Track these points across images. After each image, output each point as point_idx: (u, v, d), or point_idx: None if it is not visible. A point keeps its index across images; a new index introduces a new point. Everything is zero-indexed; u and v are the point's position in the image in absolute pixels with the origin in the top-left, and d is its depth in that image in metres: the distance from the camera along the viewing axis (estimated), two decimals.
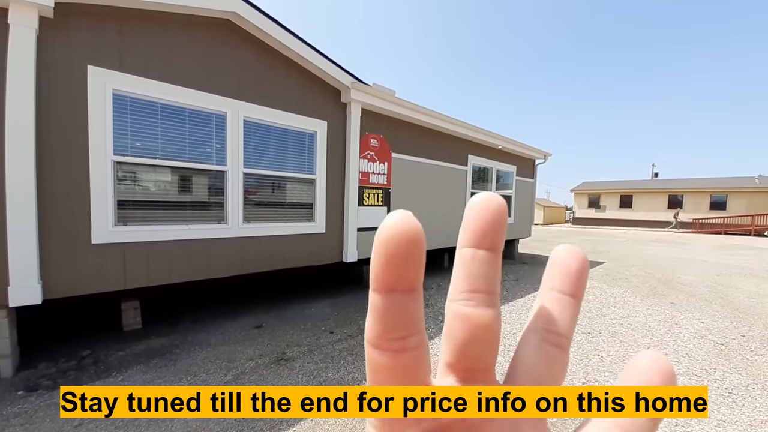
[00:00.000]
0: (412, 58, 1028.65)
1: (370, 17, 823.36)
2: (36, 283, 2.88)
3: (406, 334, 0.17)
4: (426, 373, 0.19)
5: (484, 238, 0.18)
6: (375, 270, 0.17)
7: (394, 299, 0.17)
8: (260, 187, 4.42)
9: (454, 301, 0.19)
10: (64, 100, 2.99)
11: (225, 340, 3.78)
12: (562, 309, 0.20)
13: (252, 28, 4.03)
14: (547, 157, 10.42)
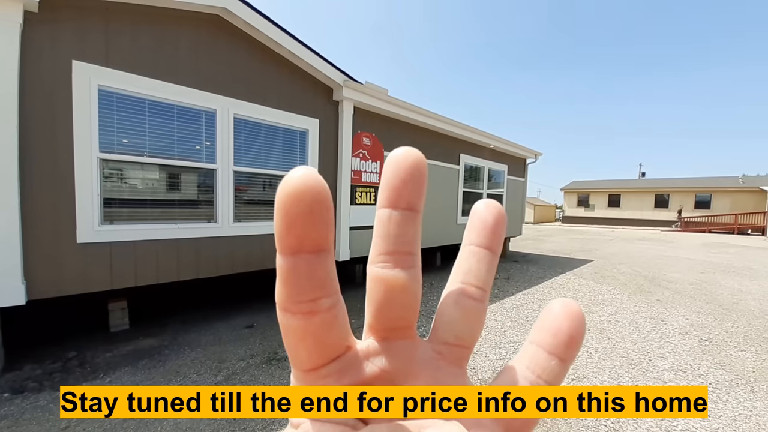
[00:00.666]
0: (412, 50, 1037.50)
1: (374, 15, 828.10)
2: (20, 284, 2.80)
3: (316, 296, 0.17)
4: (340, 336, 0.18)
5: (401, 197, 0.18)
6: (278, 231, 0.16)
7: (301, 261, 0.16)
8: (251, 186, 4.38)
9: (372, 264, 0.19)
10: (48, 96, 2.91)
11: (216, 340, 3.74)
12: (478, 262, 0.21)
13: (242, 24, 3.98)
14: (537, 156, 10.53)
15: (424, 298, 5.43)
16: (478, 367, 3.22)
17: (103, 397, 0.21)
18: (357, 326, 4.56)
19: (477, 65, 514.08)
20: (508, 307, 5.09)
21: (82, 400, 0.21)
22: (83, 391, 0.21)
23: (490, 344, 3.73)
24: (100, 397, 0.21)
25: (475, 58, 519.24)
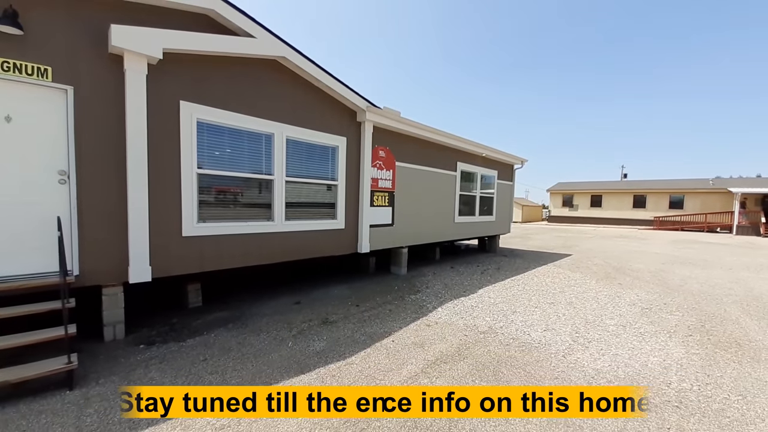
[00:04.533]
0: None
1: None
2: (147, 266, 3.86)
3: None
4: None
5: None
6: None
7: None
8: (296, 191, 5.47)
9: None
10: (164, 126, 3.97)
11: (276, 311, 4.82)
12: None
13: (293, 66, 5.07)
14: (524, 163, 11.82)
15: (429, 284, 6.60)
16: (478, 325, 4.39)
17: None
18: (371, 313, 5.83)
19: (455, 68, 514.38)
20: (498, 288, 6.30)
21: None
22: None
23: (486, 312, 4.92)
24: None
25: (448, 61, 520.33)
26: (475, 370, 3.20)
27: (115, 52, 3.56)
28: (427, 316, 4.70)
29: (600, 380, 3.08)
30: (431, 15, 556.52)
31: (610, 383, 3.04)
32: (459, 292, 6.01)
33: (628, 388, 2.94)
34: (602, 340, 3.97)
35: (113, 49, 3.51)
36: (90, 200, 3.53)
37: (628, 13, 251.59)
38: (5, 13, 3.01)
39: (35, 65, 3.21)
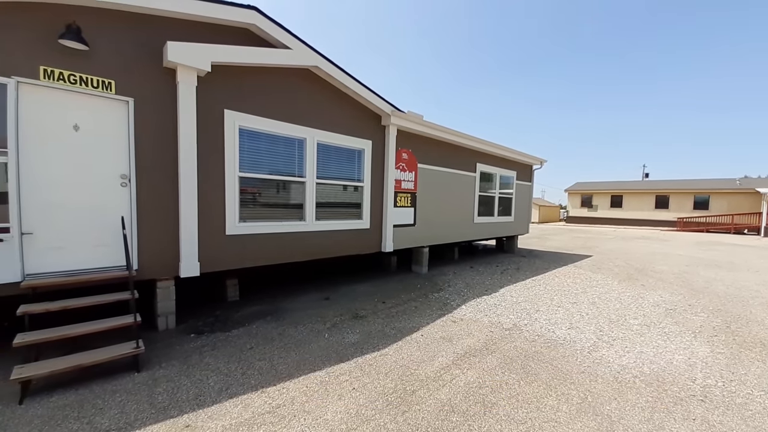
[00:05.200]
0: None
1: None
2: (197, 262, 4.19)
3: None
4: None
5: None
6: None
7: None
8: (326, 193, 5.74)
9: None
10: (211, 134, 4.30)
11: (308, 306, 5.11)
12: None
13: (324, 75, 5.34)
14: (543, 163, 11.82)
15: (451, 282, 6.78)
16: (503, 322, 4.56)
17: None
18: (398, 309, 6.04)
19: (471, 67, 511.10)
20: (520, 288, 6.42)
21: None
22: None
23: (509, 310, 5.07)
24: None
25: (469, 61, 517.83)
26: (504, 363, 3.38)
27: (169, 66, 3.89)
28: (452, 313, 4.89)
29: (626, 375, 3.21)
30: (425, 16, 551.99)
31: (636, 378, 3.17)
32: (481, 290, 6.16)
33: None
34: (627, 339, 4.08)
35: (168, 63, 3.84)
36: (147, 202, 3.88)
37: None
38: (69, 29, 3.34)
39: (100, 79, 3.57)
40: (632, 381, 3.12)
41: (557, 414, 2.56)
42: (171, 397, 2.75)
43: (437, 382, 3.00)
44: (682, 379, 3.16)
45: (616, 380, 3.12)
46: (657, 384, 3.06)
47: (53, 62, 3.32)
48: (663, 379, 3.15)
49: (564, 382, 3.02)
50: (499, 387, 2.92)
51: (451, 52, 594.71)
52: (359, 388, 2.89)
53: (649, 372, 3.30)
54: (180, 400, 2.70)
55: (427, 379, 3.04)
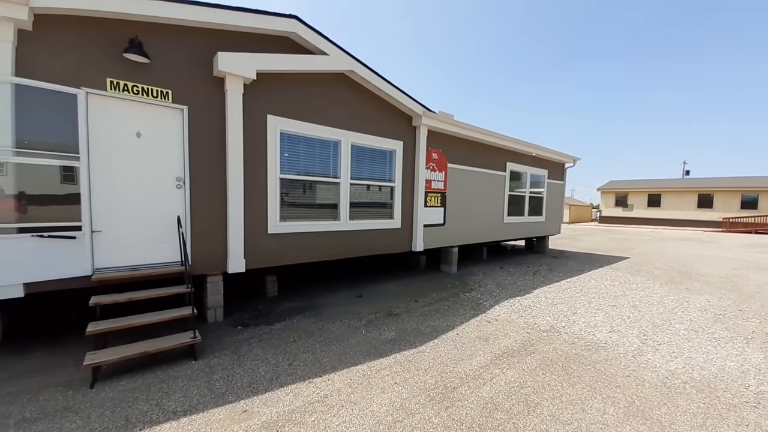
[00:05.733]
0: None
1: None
2: (242, 259, 4.45)
3: None
4: None
5: None
6: None
7: None
8: (359, 193, 5.89)
9: None
10: (255, 139, 4.54)
11: (342, 302, 5.27)
12: None
13: (359, 78, 5.48)
14: (576, 161, 11.45)
15: (482, 282, 6.75)
16: (539, 324, 4.51)
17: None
18: (430, 308, 6.06)
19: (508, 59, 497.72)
20: (554, 290, 6.29)
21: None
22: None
23: (545, 312, 5.00)
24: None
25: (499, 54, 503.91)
26: (544, 364, 3.37)
27: (218, 75, 4.15)
28: (485, 313, 4.89)
29: (674, 381, 3.11)
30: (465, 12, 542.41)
31: (686, 384, 3.07)
32: (514, 291, 6.10)
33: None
34: (673, 344, 3.93)
35: (218, 72, 4.10)
36: (199, 202, 4.16)
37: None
38: (132, 43, 3.64)
39: (159, 89, 3.87)
40: (682, 386, 3.03)
41: (604, 416, 2.54)
42: (227, 383, 2.96)
43: (477, 380, 3.04)
44: (734, 386, 3.03)
45: (665, 385, 3.04)
46: (708, 390, 2.96)
47: (118, 74, 3.64)
48: (714, 386, 3.03)
49: (609, 386, 2.98)
50: (542, 387, 2.93)
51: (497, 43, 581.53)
52: (401, 383, 2.98)
53: (700, 378, 3.19)
54: (235, 387, 2.90)
55: (466, 377, 3.09)
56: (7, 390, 2.81)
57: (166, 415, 2.53)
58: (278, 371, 3.18)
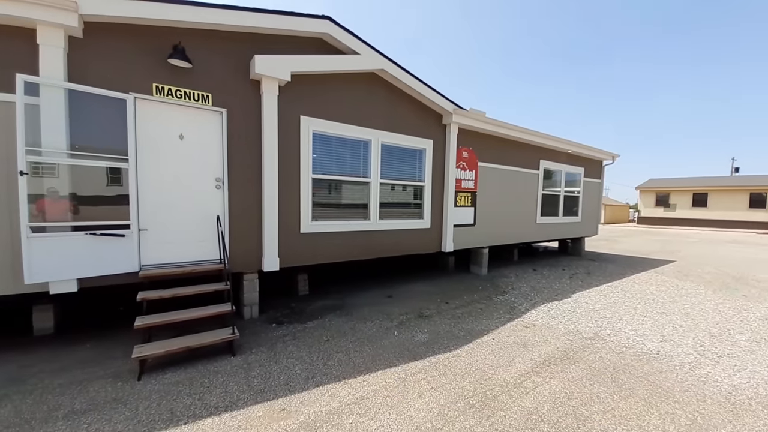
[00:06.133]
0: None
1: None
2: (276, 258, 4.52)
3: None
4: None
5: None
6: None
7: None
8: (388, 193, 5.84)
9: None
10: (289, 140, 4.60)
11: (372, 302, 5.24)
12: None
13: (389, 77, 5.43)
14: (615, 159, 10.83)
15: (515, 285, 6.51)
16: (581, 331, 4.27)
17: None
18: (462, 310, 5.89)
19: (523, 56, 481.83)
20: (594, 294, 5.96)
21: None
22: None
23: (587, 318, 4.73)
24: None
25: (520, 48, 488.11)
26: (591, 374, 3.17)
27: (255, 78, 4.24)
28: (521, 318, 4.70)
29: (739, 397, 2.83)
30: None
31: (751, 400, 2.78)
32: (550, 295, 5.83)
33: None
34: (734, 356, 3.59)
35: (254, 75, 4.18)
36: (236, 202, 4.27)
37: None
38: (175, 49, 3.78)
39: (200, 92, 3.99)
40: (747, 403, 2.75)
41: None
42: (265, 381, 3.00)
43: (519, 388, 2.90)
44: None
45: (729, 401, 2.77)
46: None
47: (163, 79, 3.79)
48: None
49: (666, 400, 2.75)
50: (590, 400, 2.75)
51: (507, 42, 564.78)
52: (437, 388, 2.90)
53: (766, 393, 2.88)
54: (273, 385, 2.94)
55: (507, 385, 2.96)
56: (58, 381, 2.95)
57: (209, 410, 2.59)
58: (313, 370, 3.19)
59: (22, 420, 2.45)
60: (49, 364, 3.23)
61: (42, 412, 2.54)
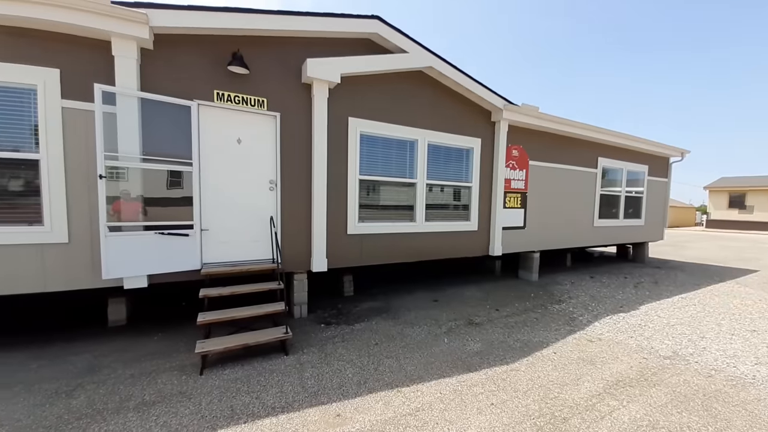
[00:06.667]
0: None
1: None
2: (325, 258, 4.55)
3: None
4: None
5: None
6: None
7: None
8: (434, 194, 5.68)
9: None
10: (338, 141, 4.61)
11: (418, 306, 5.11)
12: None
13: (436, 74, 5.27)
14: (684, 155, 9.76)
15: (572, 293, 6.04)
16: (657, 348, 3.83)
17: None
18: (515, 319, 5.51)
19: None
20: (667, 307, 5.35)
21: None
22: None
23: (662, 334, 4.24)
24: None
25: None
26: (676, 400, 2.80)
27: (306, 81, 4.29)
28: (584, 330, 4.31)
29: None
30: None
31: None
32: (614, 306, 5.33)
33: None
34: None
35: (306, 79, 4.24)
36: (288, 203, 4.36)
37: None
38: (234, 56, 3.91)
39: (257, 98, 4.11)
40: None
41: None
42: (318, 383, 2.99)
43: (592, 411, 2.63)
44: None
45: None
46: None
47: (223, 86, 3.94)
48: None
49: None
50: (681, 431, 2.41)
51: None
52: (498, 404, 2.71)
53: None
54: (326, 388, 2.92)
55: (577, 407, 2.69)
56: (130, 372, 3.15)
57: (266, 410, 2.62)
58: (365, 375, 3.13)
59: (94, 411, 2.58)
60: (122, 354, 3.48)
61: (114, 403, 2.68)
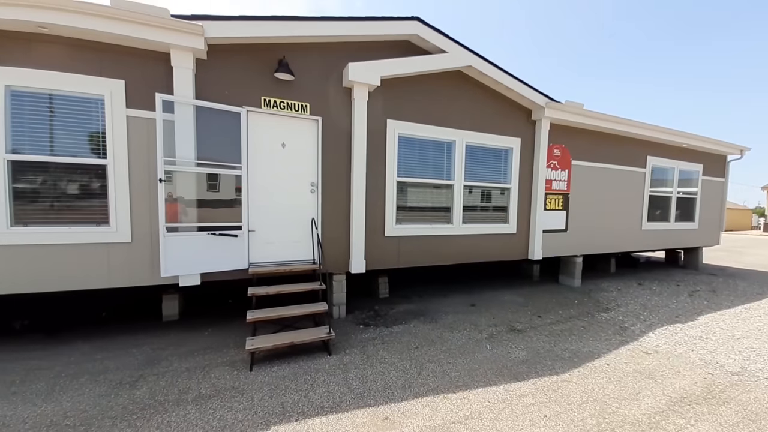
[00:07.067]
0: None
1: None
2: (363, 260, 4.59)
3: None
4: None
5: None
6: None
7: None
8: (472, 196, 5.57)
9: None
10: (377, 144, 4.64)
11: (456, 310, 5.03)
12: None
13: (476, 73, 5.17)
14: (744, 153, 8.95)
15: (619, 301, 5.71)
16: (722, 363, 3.53)
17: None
18: (560, 327, 5.26)
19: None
20: (729, 318, 4.93)
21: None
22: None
23: (727, 347, 3.91)
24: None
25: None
26: (748, 419, 2.56)
27: (347, 85, 4.35)
28: (638, 341, 4.06)
29: None
30: None
31: None
32: (668, 316, 4.98)
33: None
34: None
35: (347, 83, 4.30)
36: (328, 205, 4.44)
37: None
38: (280, 63, 4.03)
39: (300, 103, 4.22)
40: None
41: None
42: (363, 384, 3.02)
43: (657, 430, 2.46)
44: None
45: None
46: None
47: (269, 92, 4.08)
48: None
49: None
50: None
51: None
52: (552, 417, 2.60)
53: None
54: (371, 390, 2.94)
55: (639, 423, 2.53)
56: (185, 366, 3.31)
57: (315, 409, 2.68)
58: (409, 379, 3.12)
59: (156, 402, 2.73)
60: (177, 348, 3.68)
61: (173, 395, 2.83)
